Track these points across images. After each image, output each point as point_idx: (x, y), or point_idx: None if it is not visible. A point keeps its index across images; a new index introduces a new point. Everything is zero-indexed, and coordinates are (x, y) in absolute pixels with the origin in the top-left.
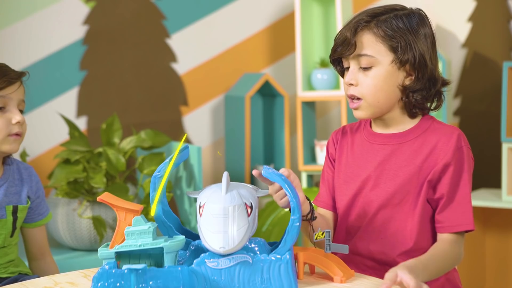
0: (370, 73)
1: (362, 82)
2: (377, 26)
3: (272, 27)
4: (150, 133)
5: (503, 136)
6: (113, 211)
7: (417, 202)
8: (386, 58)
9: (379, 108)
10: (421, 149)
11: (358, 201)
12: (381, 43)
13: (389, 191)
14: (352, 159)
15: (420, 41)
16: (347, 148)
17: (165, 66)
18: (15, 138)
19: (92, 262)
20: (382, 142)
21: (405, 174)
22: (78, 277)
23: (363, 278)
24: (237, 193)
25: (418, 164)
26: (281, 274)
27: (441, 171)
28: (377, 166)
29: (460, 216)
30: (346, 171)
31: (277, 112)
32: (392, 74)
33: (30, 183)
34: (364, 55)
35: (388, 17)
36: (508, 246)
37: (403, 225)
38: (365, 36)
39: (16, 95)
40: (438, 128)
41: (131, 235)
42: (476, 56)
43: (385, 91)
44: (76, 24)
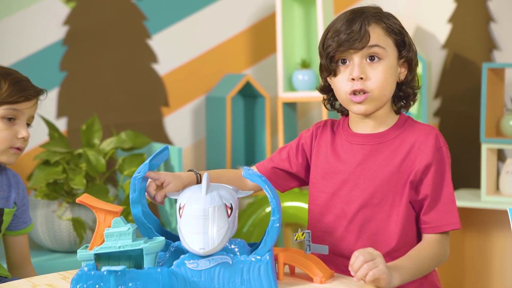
0: (378, 66)
1: (372, 76)
2: (385, 21)
3: (253, 28)
4: (130, 134)
5: (482, 137)
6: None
7: (399, 202)
8: (393, 52)
9: (382, 102)
10: (400, 149)
11: (336, 201)
12: (389, 38)
13: (369, 191)
14: (331, 156)
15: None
16: (326, 143)
17: (146, 67)
18: (15, 152)
19: (72, 264)
20: (361, 142)
21: (384, 174)
22: (56, 279)
23: (342, 279)
24: (217, 194)
25: (397, 163)
26: (261, 275)
27: (422, 172)
28: (356, 166)
29: (447, 216)
30: (325, 167)
31: (258, 113)
32: (396, 68)
33: (17, 190)
34: (376, 45)
35: (388, 14)
36: (487, 246)
37: (384, 225)
38: (376, 29)
39: (29, 111)
40: (416, 128)
41: (111, 237)
42: (456, 57)
43: (390, 85)
44: (56, 25)
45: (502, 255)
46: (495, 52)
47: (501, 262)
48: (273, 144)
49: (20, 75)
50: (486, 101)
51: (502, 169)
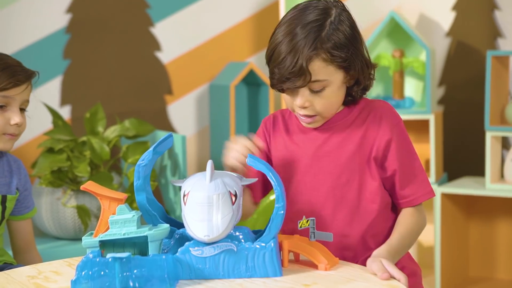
0: (323, 93)
1: (317, 104)
2: (323, 50)
3: (256, 16)
4: (134, 122)
5: (486, 125)
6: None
7: (367, 178)
8: (337, 76)
9: (330, 117)
10: (357, 126)
11: (303, 188)
12: (330, 66)
13: (335, 172)
14: (290, 145)
15: (358, 43)
16: (281, 133)
17: (149, 55)
18: (10, 138)
19: (77, 251)
20: (317, 128)
21: (346, 153)
22: (62, 266)
23: (347, 266)
24: (221, 181)
25: (357, 141)
26: (266, 262)
27: (384, 148)
28: (315, 151)
29: (421, 187)
30: (285, 157)
31: (262, 101)
32: (342, 86)
33: (19, 175)
34: (316, 81)
35: (328, 32)
36: (491, 234)
37: (357, 202)
38: (316, 64)
39: (20, 96)
40: (368, 104)
41: (115, 224)
42: (460, 45)
43: (337, 103)
44: (59, 13)
45: (506, 242)
46: (499, 40)
47: (506, 250)
48: None
49: (10, 59)
50: (491, 89)
51: (507, 157)
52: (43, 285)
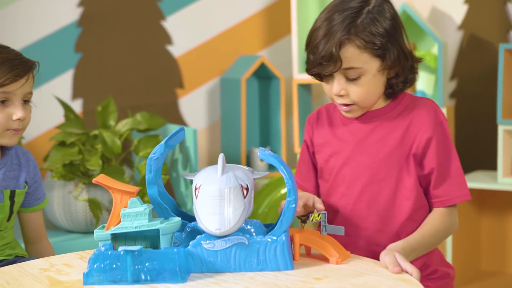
0: (359, 82)
1: (353, 92)
2: (358, 37)
3: (268, 9)
4: (145, 116)
5: (499, 118)
6: (109, 193)
7: (405, 176)
8: (373, 65)
9: (369, 107)
10: (400, 123)
11: (340, 180)
12: (365, 53)
13: (373, 167)
14: (332, 139)
15: (397, 34)
16: (324, 128)
17: (161, 49)
18: (14, 133)
19: (88, 244)
20: (361, 120)
21: (386, 148)
22: (74, 259)
23: (358, 260)
24: (233, 174)
25: (398, 137)
26: (277, 256)
27: (424, 145)
28: (356, 144)
29: (457, 188)
30: (327, 151)
31: (273, 94)
32: (379, 76)
33: (27, 168)
34: (351, 68)
35: (363, 20)
36: (503, 228)
37: (392, 200)
38: (349, 50)
39: (21, 90)
40: (414, 102)
41: (127, 217)
42: (472, 38)
43: (375, 93)
44: (71, 6)
45: None
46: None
47: None
48: (287, 126)
49: (9, 52)
50: (503, 82)
51: None
52: (55, 277)
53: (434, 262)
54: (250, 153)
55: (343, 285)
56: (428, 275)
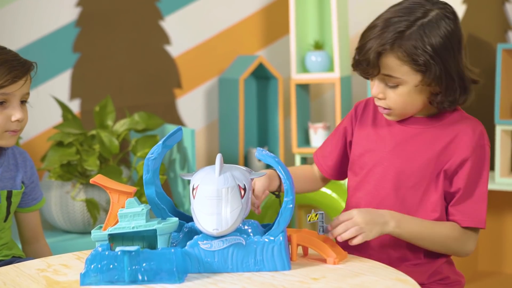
0: (397, 90)
1: (390, 98)
2: (401, 49)
3: (266, 9)
4: (143, 116)
5: (496, 118)
6: (107, 193)
7: (432, 190)
8: (413, 78)
9: (408, 115)
10: (442, 137)
11: (371, 178)
12: (406, 66)
13: (406, 173)
14: (372, 134)
15: (446, 53)
16: (368, 122)
17: (159, 48)
18: (12, 134)
19: (86, 244)
20: (405, 124)
21: (423, 158)
22: (71, 259)
23: (356, 260)
24: (230, 175)
25: (437, 151)
26: (274, 256)
27: (458, 164)
28: (395, 146)
29: (474, 213)
30: (365, 145)
31: (271, 94)
32: (420, 90)
33: (24, 168)
34: (389, 75)
35: (413, 33)
36: (501, 228)
37: (414, 210)
38: (390, 59)
39: (20, 91)
40: (463, 119)
41: (124, 217)
42: (471, 38)
43: (413, 104)
44: (69, 6)
45: None
46: (510, 33)
47: None
48: (285, 126)
49: (6, 53)
50: (501, 82)
51: None
52: (52, 278)
53: (445, 270)
54: (248, 153)
55: (340, 285)
56: (440, 280)
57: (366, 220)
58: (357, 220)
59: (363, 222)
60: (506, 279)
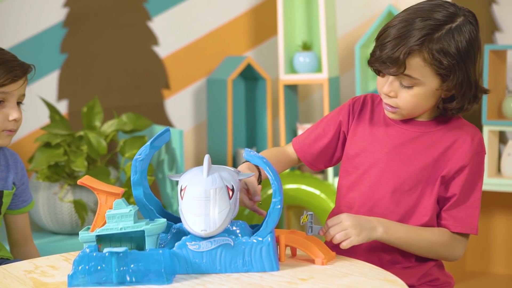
0: (411, 91)
1: (402, 97)
2: (428, 51)
3: (254, 9)
4: (131, 117)
5: (484, 119)
6: (95, 194)
7: (427, 195)
8: (432, 81)
9: (413, 116)
10: (440, 142)
11: (366, 179)
12: (429, 68)
13: (402, 176)
14: (368, 134)
15: (469, 60)
16: (365, 120)
17: (147, 49)
18: (8, 134)
19: (74, 246)
20: (403, 126)
21: (420, 162)
22: (59, 261)
23: (344, 260)
24: (218, 175)
25: (435, 156)
26: (263, 257)
27: (456, 171)
28: (392, 149)
29: (466, 219)
30: (360, 144)
31: (259, 95)
32: (434, 92)
33: (15, 170)
34: (409, 76)
35: (441, 36)
36: (488, 228)
37: (408, 215)
38: (415, 60)
39: (18, 91)
40: (462, 126)
41: (112, 218)
42: None
43: (423, 106)
44: (57, 7)
45: (503, 237)
46: (497, 34)
47: (502, 244)
48: (274, 127)
49: (5, 54)
50: (488, 83)
51: (504, 151)
52: (40, 279)
53: (435, 272)
54: (237, 154)
55: (328, 285)
56: (430, 282)
57: (354, 223)
58: (345, 224)
59: (351, 226)
60: (493, 279)
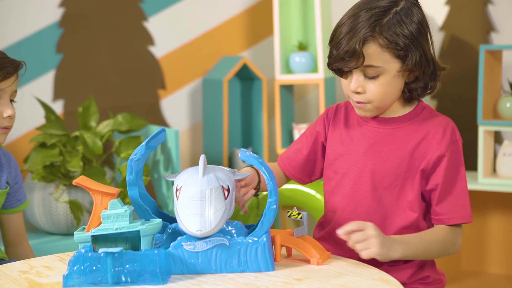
0: (377, 81)
1: (370, 90)
2: (382, 36)
3: (250, 10)
4: (127, 117)
5: (479, 119)
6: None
7: (408, 189)
8: (393, 65)
9: (384, 108)
10: (414, 135)
11: (346, 181)
12: (387, 52)
13: (380, 174)
14: (345, 138)
15: (422, 38)
16: (340, 125)
17: (143, 49)
18: (3, 131)
19: (69, 246)
20: (376, 125)
21: (396, 158)
22: (54, 261)
23: (339, 260)
24: (214, 176)
25: (409, 149)
26: (258, 257)
27: (434, 162)
28: (368, 148)
29: (459, 209)
30: (338, 149)
31: (255, 95)
32: (398, 78)
33: (9, 169)
34: (371, 66)
35: (390, 20)
36: (483, 228)
37: (392, 210)
38: (371, 48)
39: (10, 88)
40: (433, 117)
41: (108, 219)
42: (453, 39)
43: (392, 94)
44: (52, 7)
45: (498, 236)
46: (492, 34)
47: (497, 244)
48: (270, 127)
49: None
50: (483, 83)
51: (499, 151)
52: (35, 280)
53: (427, 269)
54: (232, 154)
55: (324, 285)
56: (422, 280)
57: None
58: (369, 233)
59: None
60: (489, 279)
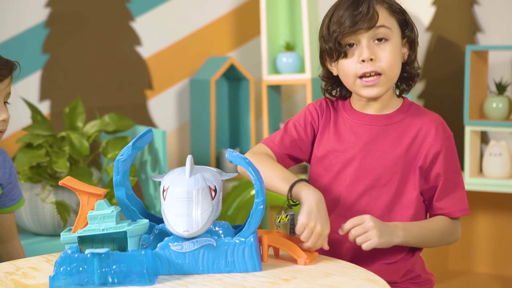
0: (386, 46)
1: (382, 57)
2: (385, 3)
3: (237, 10)
4: (114, 117)
5: (465, 119)
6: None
7: (406, 186)
8: (397, 32)
9: (392, 83)
10: (407, 132)
11: (341, 180)
12: (392, 17)
13: (377, 172)
14: (333, 136)
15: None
16: (329, 122)
17: (130, 50)
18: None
19: (56, 247)
20: (368, 122)
21: (393, 155)
22: (40, 262)
23: (327, 260)
24: (201, 176)
25: (405, 146)
26: (245, 257)
27: (432, 159)
28: (363, 146)
29: (458, 203)
30: (327, 146)
31: (243, 95)
32: (401, 48)
33: (4, 169)
34: (382, 26)
35: None
36: (470, 228)
37: (389, 208)
38: (381, 9)
39: (4, 90)
40: (421, 113)
41: (94, 219)
42: (440, 40)
43: (398, 65)
44: (39, 7)
45: (485, 236)
46: (478, 35)
47: (485, 244)
48: (257, 127)
49: None
50: (470, 83)
51: (486, 151)
52: (21, 281)
53: (417, 269)
54: (220, 155)
55: (311, 286)
56: (412, 279)
57: (377, 225)
58: (368, 225)
59: (373, 227)
60: (476, 279)
